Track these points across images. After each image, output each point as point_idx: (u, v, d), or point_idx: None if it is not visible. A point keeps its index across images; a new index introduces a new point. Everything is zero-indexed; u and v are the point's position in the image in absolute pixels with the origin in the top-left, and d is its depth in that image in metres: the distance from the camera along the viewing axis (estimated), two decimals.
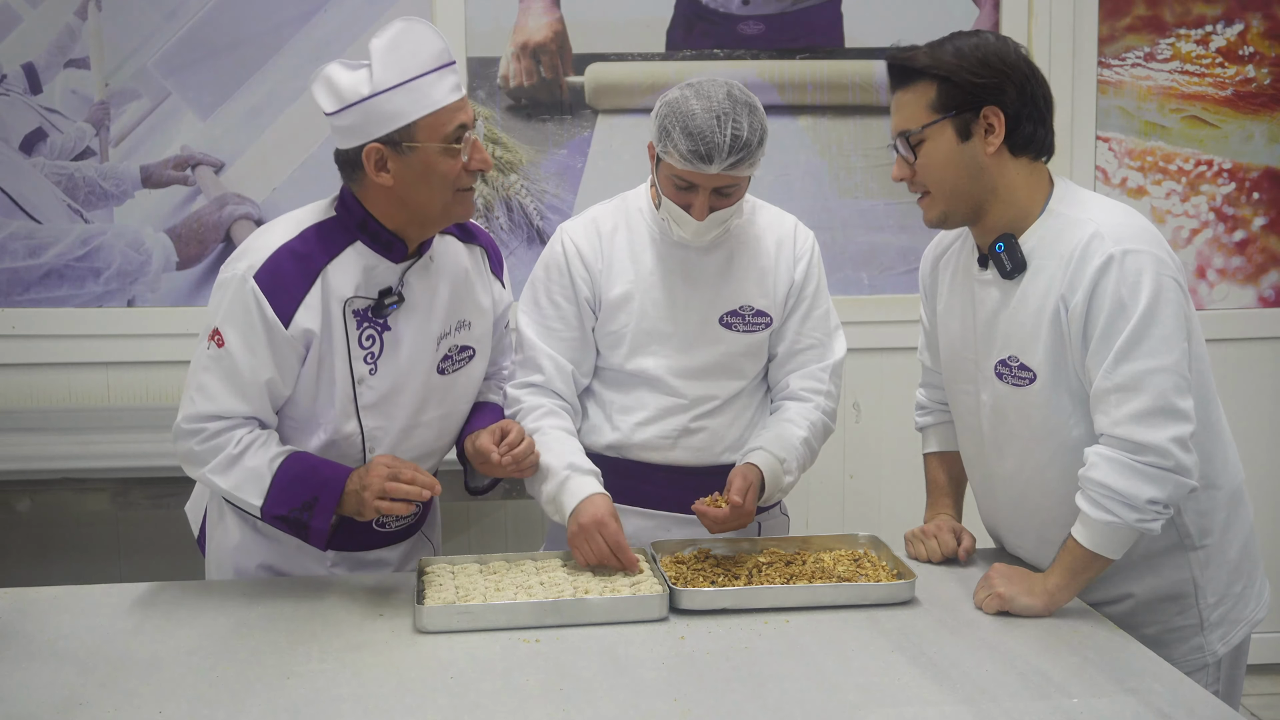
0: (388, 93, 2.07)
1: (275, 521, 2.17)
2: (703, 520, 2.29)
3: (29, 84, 3.57)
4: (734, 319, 2.47)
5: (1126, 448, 2.02)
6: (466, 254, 2.36)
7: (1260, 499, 4.05)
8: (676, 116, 2.30)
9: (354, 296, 2.18)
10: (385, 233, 2.19)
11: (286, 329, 2.13)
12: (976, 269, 2.19)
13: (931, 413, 2.49)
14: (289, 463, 2.16)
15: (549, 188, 3.73)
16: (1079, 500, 2.06)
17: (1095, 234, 2.04)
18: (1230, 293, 3.97)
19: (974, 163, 2.09)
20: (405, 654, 1.97)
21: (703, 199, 2.34)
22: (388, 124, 2.09)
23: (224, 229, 3.66)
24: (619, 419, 2.49)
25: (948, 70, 2.06)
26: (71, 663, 1.95)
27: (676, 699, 1.81)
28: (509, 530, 3.79)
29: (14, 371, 3.63)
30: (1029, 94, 2.08)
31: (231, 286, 2.14)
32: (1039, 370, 2.11)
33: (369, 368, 2.21)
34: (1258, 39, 3.88)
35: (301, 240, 2.17)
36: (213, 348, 2.15)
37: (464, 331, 2.34)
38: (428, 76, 2.08)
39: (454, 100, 2.11)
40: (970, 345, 2.23)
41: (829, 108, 3.79)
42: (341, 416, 2.22)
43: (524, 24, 3.69)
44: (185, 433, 2.18)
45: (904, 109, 2.12)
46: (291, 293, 2.13)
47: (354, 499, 2.15)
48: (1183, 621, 2.19)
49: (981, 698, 1.81)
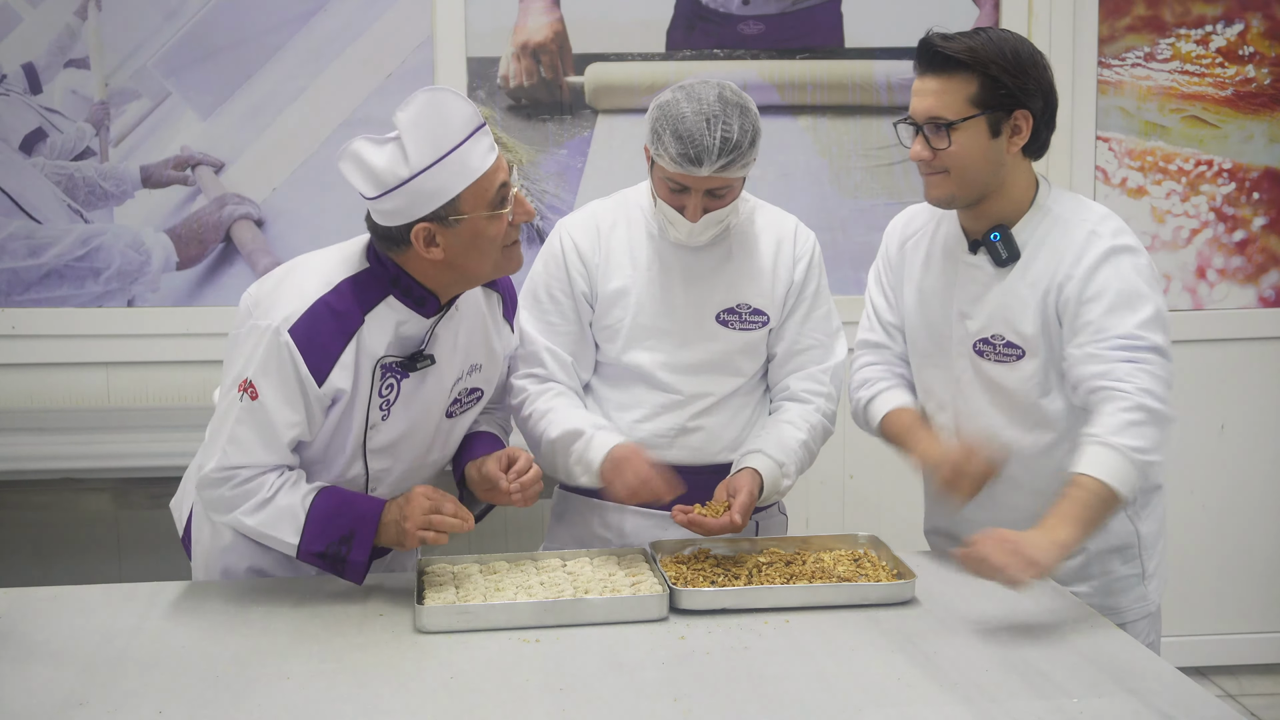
0: (428, 171, 2.03)
1: (312, 559, 2.16)
2: (694, 529, 2.28)
3: (29, 84, 3.57)
4: (731, 316, 2.47)
5: (1116, 350, 2.12)
6: (484, 300, 2.34)
7: (1260, 499, 4.06)
8: (667, 119, 2.30)
9: (385, 355, 2.16)
10: (419, 289, 2.16)
11: (320, 387, 2.11)
12: (965, 253, 2.30)
13: (879, 381, 2.47)
14: (321, 498, 2.15)
15: (549, 187, 3.73)
16: (1090, 446, 2.08)
17: (1092, 232, 2.21)
18: (1230, 293, 3.97)
19: (996, 158, 2.21)
20: (405, 654, 1.97)
21: (695, 201, 2.34)
22: (433, 202, 2.05)
23: (224, 229, 3.66)
24: (616, 416, 2.49)
25: (993, 70, 2.15)
26: (71, 663, 1.94)
27: (676, 699, 1.82)
28: (509, 530, 3.79)
29: (14, 371, 3.63)
30: (1052, 102, 2.22)
31: (265, 338, 2.10)
32: (1028, 348, 2.24)
33: (382, 414, 2.20)
34: (1258, 39, 3.88)
35: (337, 296, 2.12)
36: (245, 399, 2.12)
37: (475, 375, 2.33)
38: (463, 146, 2.04)
39: (491, 163, 2.08)
40: (950, 323, 2.33)
41: (829, 108, 3.79)
42: (350, 459, 2.22)
43: (524, 24, 3.69)
44: (215, 480, 2.16)
45: (941, 96, 2.18)
46: (327, 351, 2.11)
47: (393, 529, 2.14)
48: (1127, 571, 2.34)
49: (981, 698, 1.81)
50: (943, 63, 2.17)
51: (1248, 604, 4.08)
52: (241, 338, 2.16)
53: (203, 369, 3.61)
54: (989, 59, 2.15)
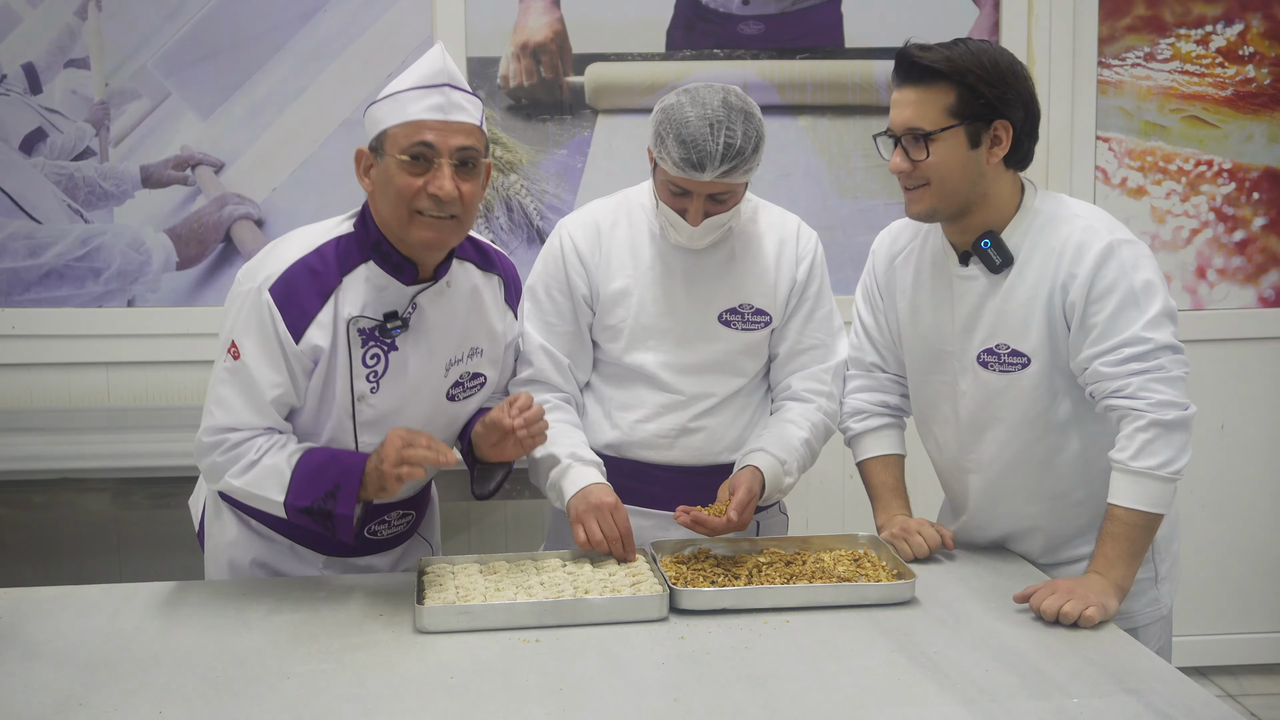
0: (379, 101, 2.15)
1: (299, 515, 2.16)
2: (697, 529, 2.29)
3: (29, 84, 3.57)
4: (733, 316, 2.47)
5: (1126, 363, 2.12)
6: (484, 281, 2.34)
7: (1260, 499, 4.06)
8: (671, 123, 2.30)
9: (359, 315, 2.17)
10: (396, 254, 2.18)
11: (297, 344, 2.14)
12: (956, 266, 2.27)
13: (871, 416, 2.51)
14: (307, 456, 2.17)
15: (549, 188, 3.73)
16: (1116, 475, 2.13)
17: (1088, 227, 2.18)
18: (1230, 293, 3.97)
19: (976, 169, 2.18)
20: (405, 654, 1.97)
21: (697, 205, 2.34)
22: (371, 129, 2.16)
23: (224, 229, 3.66)
24: (618, 416, 2.49)
25: (971, 80, 2.13)
26: (71, 663, 1.95)
27: (676, 699, 1.82)
28: (509, 530, 3.79)
29: (14, 371, 3.63)
30: (1033, 113, 2.19)
31: (248, 300, 2.15)
32: (1033, 355, 2.21)
33: (370, 386, 2.21)
34: (1258, 39, 3.88)
35: (318, 256, 2.17)
36: (229, 360, 2.16)
37: (476, 359, 2.33)
38: (413, 91, 2.11)
39: (429, 119, 2.10)
40: (948, 338, 2.31)
41: (829, 108, 3.79)
42: (339, 430, 2.23)
43: (524, 24, 3.69)
44: (207, 446, 2.18)
45: (919, 107, 2.16)
46: (304, 309, 2.14)
47: (374, 477, 2.14)
48: (1142, 575, 2.28)
49: (981, 698, 1.81)
50: (920, 73, 2.15)
51: (1248, 604, 4.09)
52: (229, 304, 2.22)
53: (203, 369, 3.59)
54: (967, 68, 2.13)
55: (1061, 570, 2.32)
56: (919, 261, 2.36)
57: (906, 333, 2.40)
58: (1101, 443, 2.23)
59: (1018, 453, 2.28)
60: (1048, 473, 2.28)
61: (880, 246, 2.47)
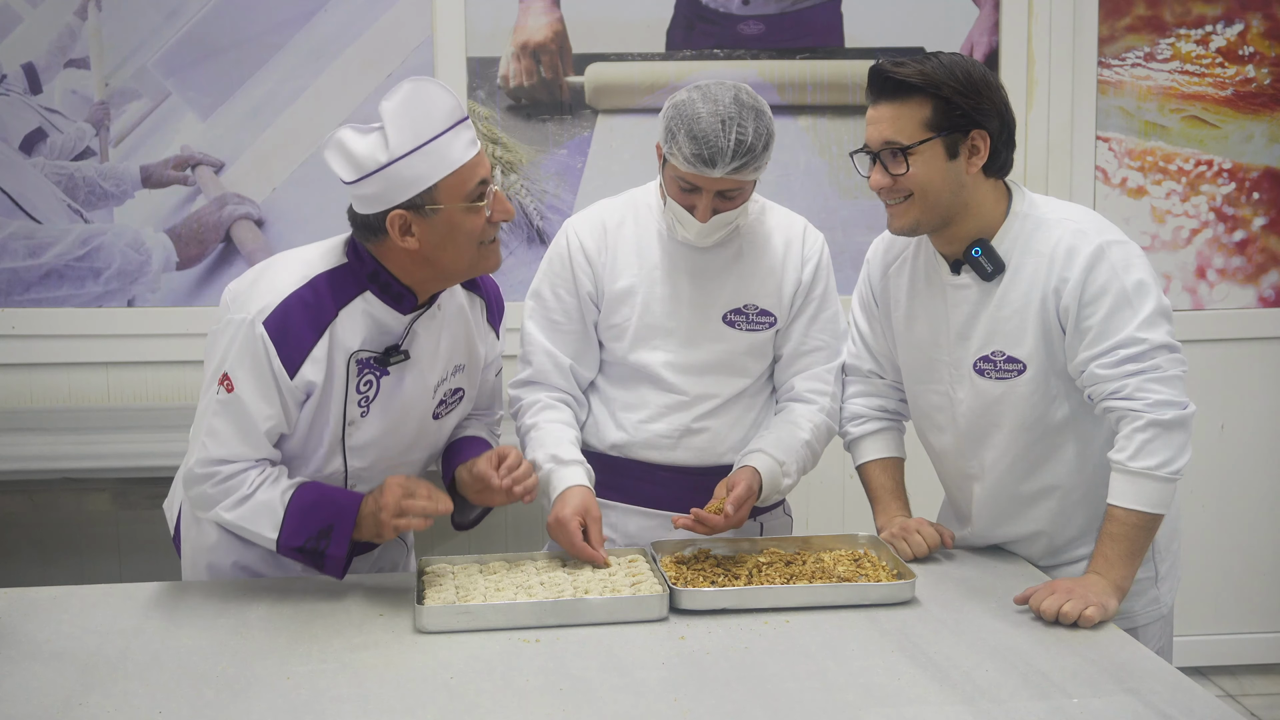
0: (406, 158, 2.04)
1: (291, 554, 2.16)
2: (696, 529, 2.29)
3: (29, 84, 3.57)
4: (738, 317, 2.47)
5: (1122, 364, 2.12)
6: (468, 302, 2.34)
7: (1260, 499, 4.06)
8: (682, 119, 2.30)
9: (360, 350, 2.16)
10: (396, 284, 2.17)
11: (292, 379, 2.12)
12: (948, 275, 2.28)
13: (869, 420, 2.51)
14: (300, 493, 2.16)
15: (549, 188, 3.73)
16: (1115, 475, 2.14)
17: (1077, 230, 2.19)
18: (1230, 293, 3.97)
19: (956, 180, 2.20)
20: (405, 654, 1.97)
21: (706, 201, 2.34)
22: (409, 189, 2.06)
23: (224, 229, 3.66)
24: (622, 416, 2.49)
25: (946, 92, 2.14)
26: (71, 663, 1.95)
27: (676, 699, 1.82)
28: (509, 530, 3.79)
29: (14, 371, 3.63)
30: (1008, 121, 2.21)
31: (240, 331, 2.12)
32: (1029, 360, 2.22)
33: (361, 410, 2.21)
34: (1258, 39, 3.88)
35: (311, 290, 2.14)
36: (222, 392, 2.14)
37: (459, 375, 2.33)
38: (444, 136, 2.05)
39: (472, 156, 2.09)
40: (943, 347, 2.31)
41: (829, 108, 3.79)
42: (328, 455, 2.22)
43: (524, 24, 3.69)
44: (198, 477, 2.17)
45: (895, 121, 2.17)
46: (299, 345, 2.12)
47: (370, 521, 2.14)
48: (1142, 574, 2.28)
49: (981, 698, 1.81)
50: (895, 88, 2.16)
51: (1248, 604, 4.09)
52: (218, 333, 2.18)
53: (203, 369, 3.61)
54: (941, 81, 2.14)
55: (1062, 571, 2.33)
56: (912, 271, 2.37)
57: (902, 342, 2.41)
58: (1100, 443, 2.24)
59: (1017, 457, 2.28)
60: (1048, 475, 2.29)
61: (874, 255, 2.48)
